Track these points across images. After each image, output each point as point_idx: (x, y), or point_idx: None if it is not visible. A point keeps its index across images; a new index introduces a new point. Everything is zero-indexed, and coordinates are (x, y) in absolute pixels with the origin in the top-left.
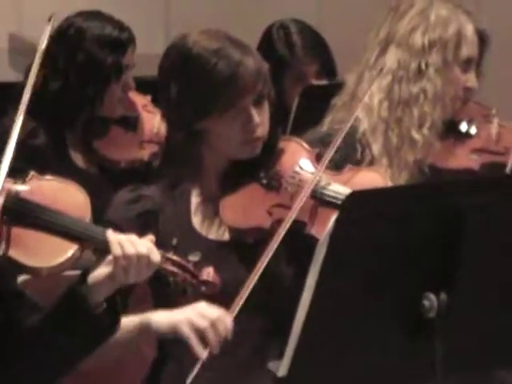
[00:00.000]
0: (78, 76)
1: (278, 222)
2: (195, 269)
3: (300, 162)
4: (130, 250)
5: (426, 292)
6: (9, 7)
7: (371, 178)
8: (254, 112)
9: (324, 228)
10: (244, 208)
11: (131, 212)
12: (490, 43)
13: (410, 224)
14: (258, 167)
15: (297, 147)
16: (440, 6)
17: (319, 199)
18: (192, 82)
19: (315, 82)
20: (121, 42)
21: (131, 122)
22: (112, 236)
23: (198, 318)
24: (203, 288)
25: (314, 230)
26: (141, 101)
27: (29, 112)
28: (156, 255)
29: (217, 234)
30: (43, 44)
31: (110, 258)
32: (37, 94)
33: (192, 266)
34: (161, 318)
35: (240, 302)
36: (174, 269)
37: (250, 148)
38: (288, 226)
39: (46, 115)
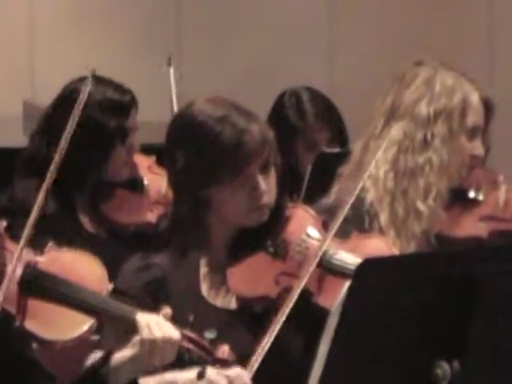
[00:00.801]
0: (83, 142)
1: (285, 291)
2: (211, 346)
3: (307, 230)
4: (158, 332)
5: (438, 360)
6: (22, 74)
7: (377, 246)
8: (261, 179)
9: (331, 297)
10: (251, 276)
11: (140, 280)
12: (494, 110)
13: (422, 291)
14: (266, 235)
15: (303, 214)
16: (445, 75)
17: (326, 268)
18: (197, 150)
19: (328, 149)
20: (123, 105)
21: (137, 184)
22: (141, 317)
23: (216, 375)
24: (217, 366)
25: (320, 300)
26: (146, 162)
27: (37, 178)
28: (175, 334)
29: (223, 302)
30: (82, 103)
31: (136, 339)
32: (44, 160)
33: (208, 343)
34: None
35: (255, 363)
36: (190, 346)
37: (257, 215)
38: (297, 294)
39: (53, 182)
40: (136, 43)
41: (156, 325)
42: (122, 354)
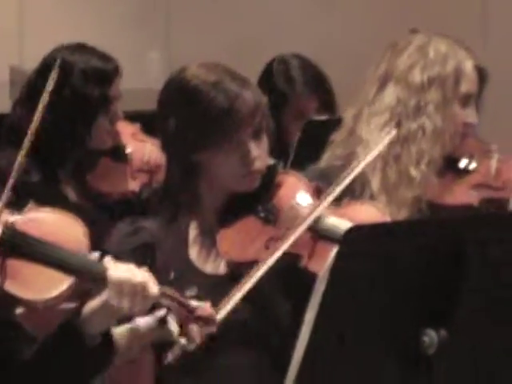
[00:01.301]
0: (66, 111)
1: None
2: (191, 304)
3: (298, 196)
4: (125, 275)
5: (425, 328)
6: (10, 40)
7: (369, 212)
8: (253, 145)
9: (320, 262)
10: (241, 241)
11: (129, 245)
12: (488, 79)
13: (410, 259)
14: (256, 200)
15: (295, 181)
16: (439, 42)
17: (317, 233)
18: (190, 114)
19: (316, 117)
20: (107, 73)
21: (121, 153)
22: (110, 262)
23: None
24: (199, 323)
25: (311, 265)
26: (130, 129)
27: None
28: (153, 288)
29: (213, 266)
30: (49, 87)
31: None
32: (25, 129)
33: (189, 301)
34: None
35: (224, 309)
36: (170, 303)
37: (249, 181)
38: (280, 251)
39: (37, 151)
40: (124, 12)
41: (124, 266)
42: (92, 303)
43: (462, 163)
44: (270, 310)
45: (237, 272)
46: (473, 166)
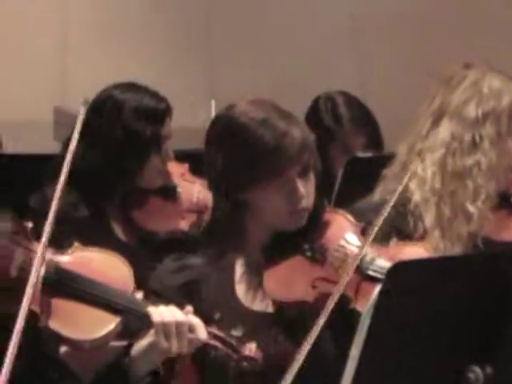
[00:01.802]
0: (118, 149)
1: (322, 296)
2: (237, 344)
3: (346, 236)
4: (169, 317)
5: (471, 365)
6: (53, 81)
7: (417, 253)
8: (300, 183)
9: (366, 303)
10: (288, 280)
11: (175, 281)
12: None
13: (455, 294)
14: (303, 238)
15: (342, 220)
16: (492, 78)
17: (364, 274)
18: (238, 151)
19: (360, 153)
20: (159, 112)
21: (170, 192)
22: (152, 307)
23: None
24: (245, 363)
25: (358, 306)
26: (179, 170)
27: (70, 184)
28: (201, 330)
29: (261, 305)
30: (79, 127)
31: (152, 330)
32: (77, 166)
33: (234, 341)
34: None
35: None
36: (217, 343)
37: (295, 219)
38: (335, 299)
39: (86, 188)
40: (168, 51)
41: (167, 310)
42: (141, 344)
43: None
44: (317, 349)
45: (283, 311)
46: None
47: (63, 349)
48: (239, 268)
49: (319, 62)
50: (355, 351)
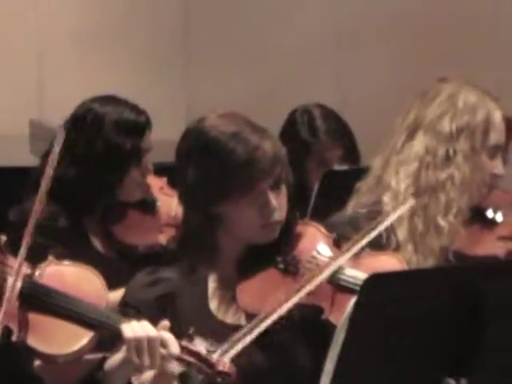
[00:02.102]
0: (99, 163)
1: (294, 308)
2: (211, 359)
3: (318, 247)
4: (141, 333)
5: (446, 377)
6: (29, 94)
7: (389, 263)
8: (272, 196)
9: (340, 314)
10: (260, 293)
11: (149, 295)
12: None
13: (429, 307)
14: (276, 251)
15: (314, 232)
16: (468, 92)
17: (336, 284)
18: (209, 165)
19: (336, 166)
20: (139, 126)
21: (149, 206)
22: (125, 323)
23: None
24: (218, 379)
25: (332, 317)
26: (157, 183)
27: (51, 196)
28: (175, 346)
29: (234, 318)
30: (57, 149)
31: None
32: (56, 179)
33: (209, 356)
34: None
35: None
36: (190, 358)
37: (268, 232)
38: (293, 301)
39: (66, 200)
40: (144, 64)
41: (139, 326)
42: (114, 358)
43: (489, 214)
44: (291, 361)
45: None
46: (499, 217)
47: (37, 363)
48: (212, 281)
49: (298, 74)
50: (329, 365)
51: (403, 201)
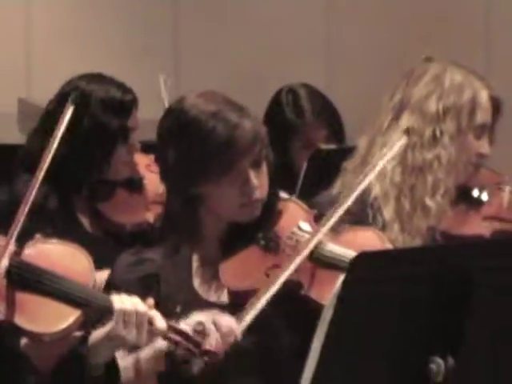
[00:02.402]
0: (85, 141)
1: None
2: (198, 338)
3: (299, 224)
4: (130, 306)
5: (433, 356)
6: (17, 72)
7: (369, 238)
8: (252, 175)
9: (320, 289)
10: (242, 270)
11: (133, 275)
12: (502, 109)
13: (416, 286)
14: (258, 229)
15: (295, 208)
16: (454, 72)
17: (317, 260)
18: (189, 145)
19: (324, 146)
20: (125, 104)
21: (136, 184)
22: (115, 295)
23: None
24: (206, 358)
25: (313, 293)
26: (144, 161)
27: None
28: (161, 322)
29: (216, 296)
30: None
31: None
32: (40, 157)
33: (195, 335)
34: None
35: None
36: (177, 338)
37: (249, 211)
38: (281, 281)
39: (54, 179)
40: (133, 43)
41: (129, 300)
42: (98, 332)
43: (475, 193)
44: (272, 338)
45: (239, 301)
46: (485, 196)
47: (23, 341)
48: (196, 261)
49: (284, 55)
50: (317, 343)
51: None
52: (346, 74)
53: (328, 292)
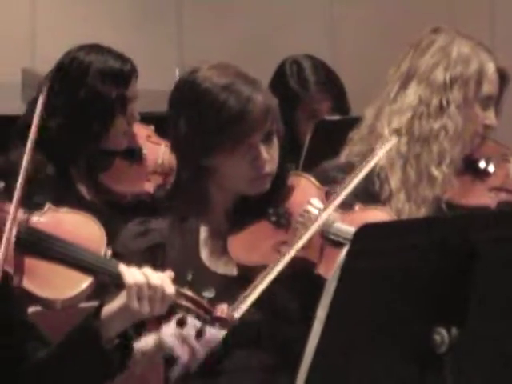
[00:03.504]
0: (83, 111)
1: None
2: (209, 305)
3: (310, 200)
4: (142, 279)
5: (437, 327)
6: (22, 43)
7: (380, 217)
8: (263, 148)
9: (329, 267)
10: (252, 245)
11: (139, 245)
12: (509, 81)
13: (420, 257)
14: (267, 203)
15: (307, 184)
16: (462, 43)
17: (326, 238)
18: (201, 117)
19: (328, 117)
20: (124, 74)
21: (136, 154)
22: (124, 267)
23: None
24: (216, 325)
25: (321, 270)
26: (144, 131)
27: (38, 144)
28: (170, 288)
29: (224, 268)
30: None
31: (124, 292)
32: (42, 127)
33: (206, 302)
34: (146, 340)
35: (241, 308)
36: (188, 304)
37: (259, 184)
38: (289, 256)
39: (52, 149)
40: (137, 13)
41: (141, 273)
42: (112, 305)
43: (481, 165)
44: (280, 312)
45: (248, 274)
46: (491, 168)
47: (31, 309)
48: (203, 232)
49: (289, 26)
50: (321, 313)
51: (384, 141)
52: (349, 45)
53: None
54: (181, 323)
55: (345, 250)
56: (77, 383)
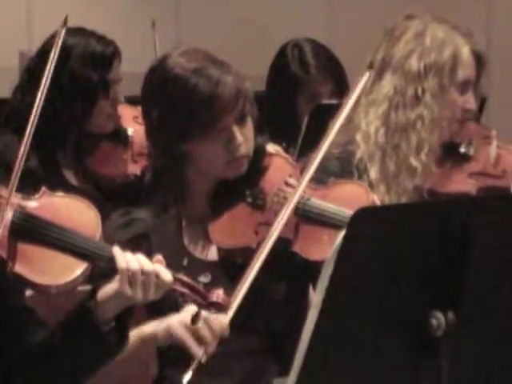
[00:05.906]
0: (66, 95)
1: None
2: (205, 290)
3: (285, 179)
4: (135, 264)
5: (433, 310)
6: (19, 26)
7: (354, 190)
8: (237, 131)
9: (305, 244)
10: (231, 228)
11: (123, 236)
12: (486, 64)
13: (417, 241)
14: (245, 185)
15: (281, 162)
16: (435, 29)
17: (300, 215)
18: (172, 104)
19: (325, 101)
20: (106, 57)
21: (122, 137)
22: (118, 251)
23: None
24: (212, 310)
25: (297, 247)
26: (131, 112)
27: (20, 132)
28: (167, 274)
29: (206, 253)
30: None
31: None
32: (25, 113)
33: (202, 287)
34: (154, 326)
35: (235, 303)
36: (184, 290)
37: (235, 167)
38: (272, 241)
39: (36, 135)
40: None
41: (134, 258)
42: (106, 288)
43: (461, 149)
44: (263, 294)
45: (229, 258)
46: (471, 152)
47: (28, 293)
48: (185, 219)
49: (287, 9)
50: (318, 298)
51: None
52: (348, 29)
53: (311, 247)
54: (194, 320)
55: (341, 234)
56: (75, 364)
